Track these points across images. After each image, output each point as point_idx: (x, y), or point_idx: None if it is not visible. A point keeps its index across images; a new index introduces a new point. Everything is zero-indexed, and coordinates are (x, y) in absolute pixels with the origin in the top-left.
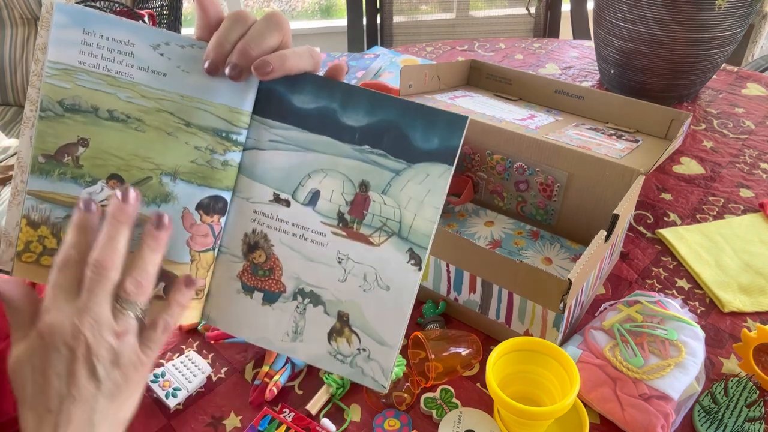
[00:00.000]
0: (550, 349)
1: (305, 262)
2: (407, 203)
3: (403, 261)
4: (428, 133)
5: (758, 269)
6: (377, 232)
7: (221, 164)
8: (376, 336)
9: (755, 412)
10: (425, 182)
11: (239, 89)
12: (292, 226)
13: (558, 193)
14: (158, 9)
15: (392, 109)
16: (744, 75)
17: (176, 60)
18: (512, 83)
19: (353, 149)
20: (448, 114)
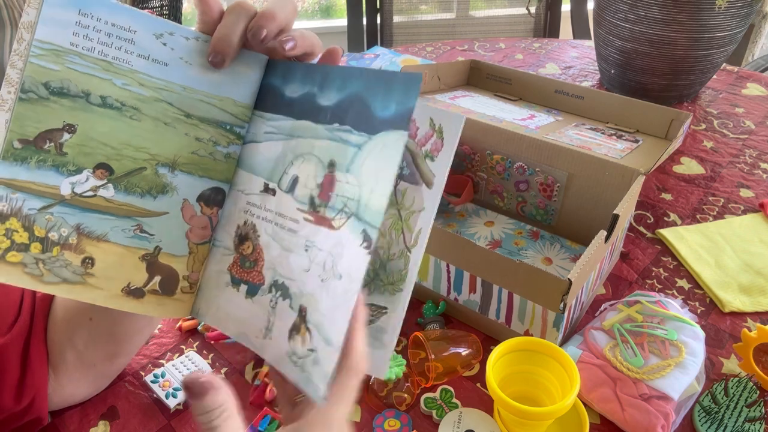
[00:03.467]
0: (550, 349)
1: (281, 252)
2: (366, 179)
3: (357, 244)
4: (386, 100)
5: (758, 269)
6: (338, 213)
7: (224, 156)
8: (325, 333)
9: (755, 412)
10: (382, 152)
11: (242, 84)
12: (275, 215)
13: (558, 193)
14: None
15: (358, 80)
16: (744, 75)
17: (179, 51)
18: (512, 83)
19: (326, 129)
20: (403, 74)
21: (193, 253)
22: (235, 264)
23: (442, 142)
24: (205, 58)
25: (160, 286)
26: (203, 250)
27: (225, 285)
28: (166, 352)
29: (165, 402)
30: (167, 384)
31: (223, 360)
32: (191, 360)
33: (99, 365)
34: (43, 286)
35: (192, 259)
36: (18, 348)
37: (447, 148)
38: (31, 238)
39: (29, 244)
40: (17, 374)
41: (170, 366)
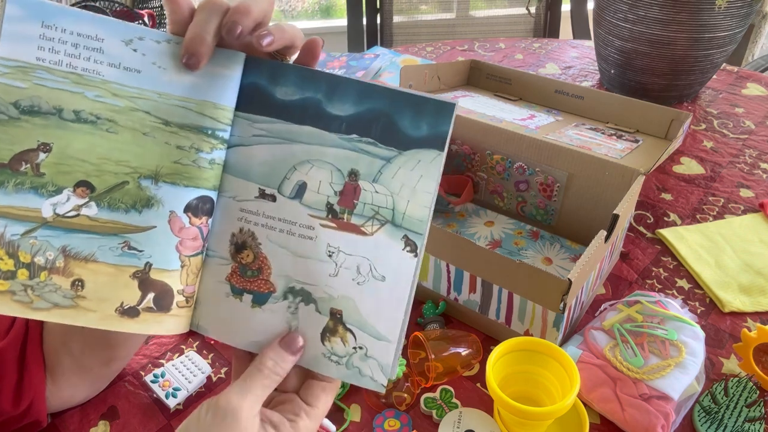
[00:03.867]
0: (550, 349)
1: (294, 259)
2: (399, 190)
3: (398, 249)
4: (417, 120)
5: (758, 269)
6: (369, 221)
7: (208, 163)
8: (373, 331)
9: (755, 412)
10: (417, 168)
11: (221, 85)
12: (278, 221)
13: (558, 193)
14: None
15: (380, 97)
16: (744, 75)
17: (151, 56)
18: (512, 83)
19: (341, 138)
20: (436, 101)
21: (185, 266)
22: (234, 273)
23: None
24: (179, 61)
25: (155, 302)
26: (196, 261)
27: (225, 296)
28: (166, 352)
29: (165, 402)
30: (167, 384)
31: (223, 360)
32: (191, 360)
33: (96, 369)
34: (34, 312)
35: (185, 272)
36: (15, 352)
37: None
38: (17, 265)
39: (15, 270)
40: (15, 378)
41: (170, 366)
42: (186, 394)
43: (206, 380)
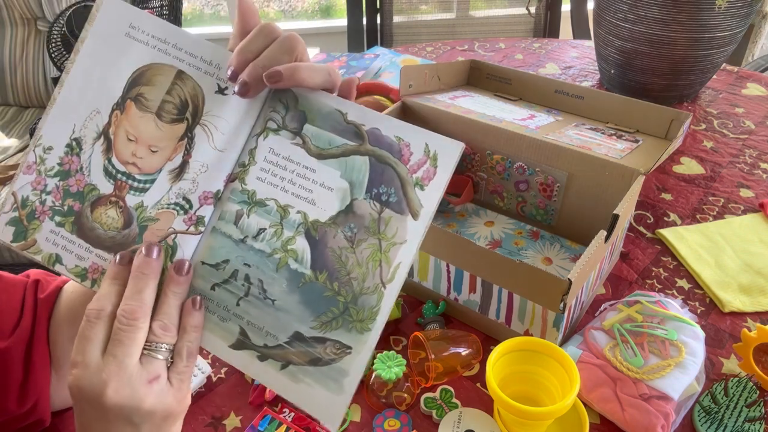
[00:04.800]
0: (550, 349)
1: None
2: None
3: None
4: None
5: (758, 269)
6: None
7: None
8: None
9: (755, 412)
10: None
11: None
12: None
13: (558, 193)
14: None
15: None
16: (744, 75)
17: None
18: (512, 83)
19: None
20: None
21: None
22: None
23: (435, 170)
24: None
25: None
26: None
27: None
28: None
29: None
30: None
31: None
32: None
33: None
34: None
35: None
36: (20, 351)
37: (440, 178)
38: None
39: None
40: (20, 377)
41: None
42: None
43: (206, 380)
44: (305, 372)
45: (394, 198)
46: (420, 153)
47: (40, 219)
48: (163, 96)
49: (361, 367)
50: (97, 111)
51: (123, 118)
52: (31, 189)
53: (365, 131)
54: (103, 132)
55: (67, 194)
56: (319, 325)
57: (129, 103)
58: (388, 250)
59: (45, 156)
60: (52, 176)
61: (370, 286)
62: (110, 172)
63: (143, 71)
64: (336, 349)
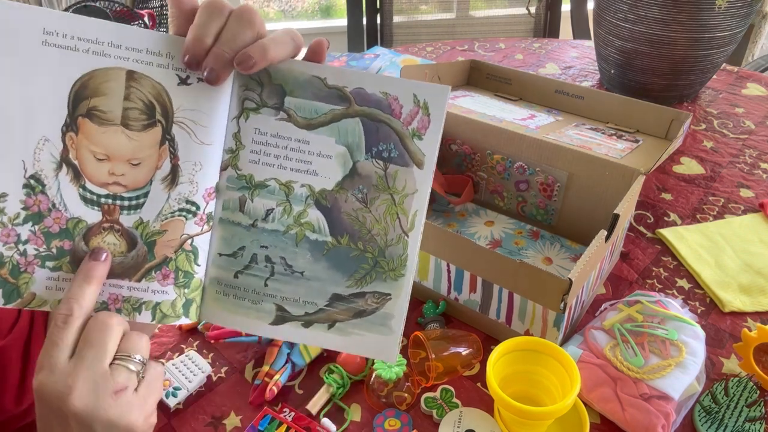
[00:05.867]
0: (550, 348)
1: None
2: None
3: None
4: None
5: (758, 269)
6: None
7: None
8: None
9: (756, 412)
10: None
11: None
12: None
13: (558, 193)
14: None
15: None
16: (744, 75)
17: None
18: (512, 83)
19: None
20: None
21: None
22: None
23: (429, 119)
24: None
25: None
26: None
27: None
28: (167, 351)
29: (165, 401)
30: (167, 383)
31: (223, 359)
32: (191, 359)
33: None
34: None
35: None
36: (18, 350)
37: (435, 124)
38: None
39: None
40: (18, 376)
41: (170, 365)
42: (186, 393)
43: (206, 380)
44: (353, 325)
45: (395, 153)
46: (410, 104)
47: (29, 270)
48: (123, 103)
49: (403, 308)
50: (45, 139)
51: (81, 139)
52: (2, 244)
53: (349, 93)
54: (63, 160)
55: (49, 236)
56: (354, 283)
57: (82, 121)
58: (402, 202)
59: (1, 205)
60: (21, 224)
61: (393, 237)
62: (90, 199)
63: (85, 82)
64: (376, 299)
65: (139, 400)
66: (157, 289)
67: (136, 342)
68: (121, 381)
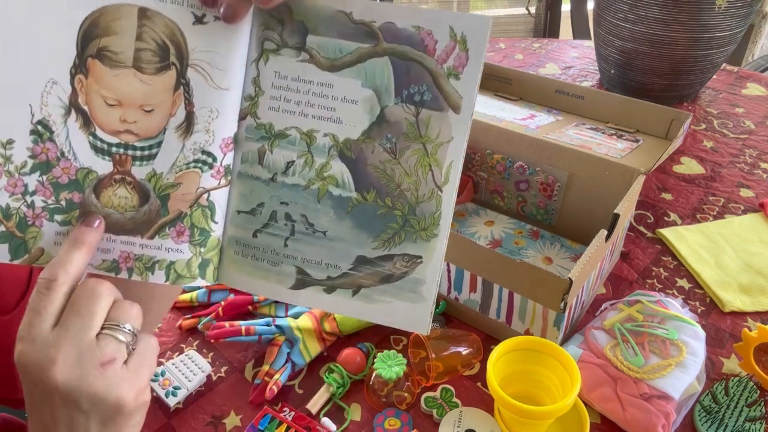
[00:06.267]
0: (550, 348)
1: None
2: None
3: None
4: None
5: (758, 269)
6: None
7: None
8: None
9: (756, 411)
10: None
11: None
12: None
13: (558, 193)
14: None
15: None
16: (744, 75)
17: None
18: (512, 83)
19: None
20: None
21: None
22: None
23: (467, 55)
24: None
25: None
26: None
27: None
28: (166, 351)
29: (165, 401)
30: (167, 383)
31: (223, 359)
32: (191, 358)
33: None
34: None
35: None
36: None
37: (474, 62)
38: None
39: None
40: None
41: (170, 365)
42: (186, 392)
43: (206, 379)
44: (380, 291)
45: (428, 96)
46: (446, 39)
47: (37, 224)
48: (135, 44)
49: (436, 272)
50: (53, 81)
51: (91, 82)
52: (8, 195)
53: (377, 28)
54: (72, 105)
55: (58, 187)
56: (381, 244)
57: (92, 62)
58: (435, 152)
59: (8, 152)
60: (28, 173)
61: (425, 193)
62: (100, 148)
63: (95, 20)
64: (406, 262)
65: (129, 373)
66: (171, 247)
67: (127, 310)
68: (109, 352)
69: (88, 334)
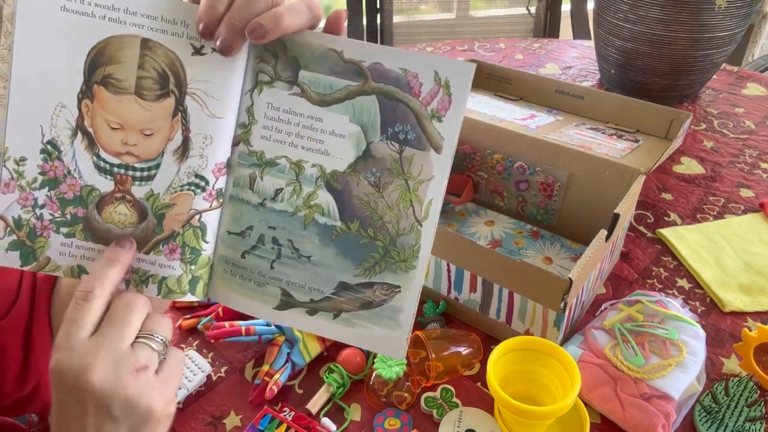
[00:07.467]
0: (550, 348)
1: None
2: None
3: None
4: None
5: (758, 269)
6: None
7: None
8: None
9: (756, 411)
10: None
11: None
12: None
13: (558, 193)
14: None
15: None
16: (744, 75)
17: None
18: (512, 83)
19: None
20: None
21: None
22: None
23: (450, 99)
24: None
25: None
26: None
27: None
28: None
29: None
30: None
31: (223, 359)
32: (191, 359)
33: None
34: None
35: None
36: (19, 331)
37: (456, 105)
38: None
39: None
40: (19, 358)
41: None
42: (186, 392)
43: (206, 379)
44: (359, 316)
45: (412, 135)
46: (430, 82)
47: (45, 235)
48: (137, 72)
49: (413, 302)
50: (62, 105)
51: (96, 107)
52: (20, 207)
53: (366, 68)
54: (78, 127)
55: (64, 203)
56: (362, 272)
57: (97, 89)
58: (417, 188)
59: (21, 168)
60: (38, 188)
61: (405, 226)
62: (103, 168)
63: (101, 49)
64: (385, 291)
65: (159, 382)
66: (163, 263)
67: (160, 322)
68: (143, 359)
69: (124, 343)
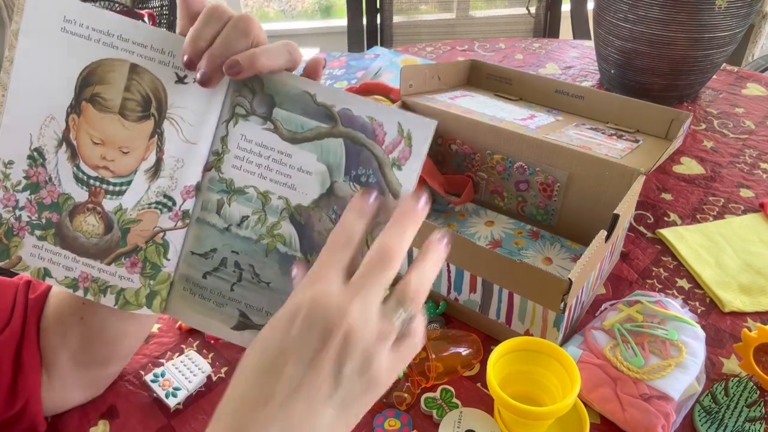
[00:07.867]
0: (550, 349)
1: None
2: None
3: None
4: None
5: (758, 269)
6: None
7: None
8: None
9: (756, 412)
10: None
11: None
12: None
13: (558, 193)
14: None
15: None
16: (744, 75)
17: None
18: (512, 83)
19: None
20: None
21: None
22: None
23: (410, 150)
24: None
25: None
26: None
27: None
28: (166, 352)
29: (165, 401)
30: (167, 383)
31: (223, 359)
32: (191, 359)
33: (93, 369)
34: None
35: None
36: (10, 351)
37: (415, 157)
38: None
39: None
40: (9, 377)
41: (170, 365)
42: (186, 393)
43: (206, 380)
44: None
45: (373, 179)
46: (394, 133)
47: (20, 235)
48: (123, 94)
49: None
50: (51, 117)
51: (82, 122)
52: (2, 207)
53: (336, 112)
54: (64, 138)
55: (42, 207)
56: None
57: (85, 105)
58: (373, 231)
59: (8, 171)
60: (20, 191)
61: (360, 262)
62: (81, 179)
63: (93, 69)
64: None
65: (395, 353)
66: (123, 275)
67: (413, 294)
68: (386, 326)
69: (377, 298)
